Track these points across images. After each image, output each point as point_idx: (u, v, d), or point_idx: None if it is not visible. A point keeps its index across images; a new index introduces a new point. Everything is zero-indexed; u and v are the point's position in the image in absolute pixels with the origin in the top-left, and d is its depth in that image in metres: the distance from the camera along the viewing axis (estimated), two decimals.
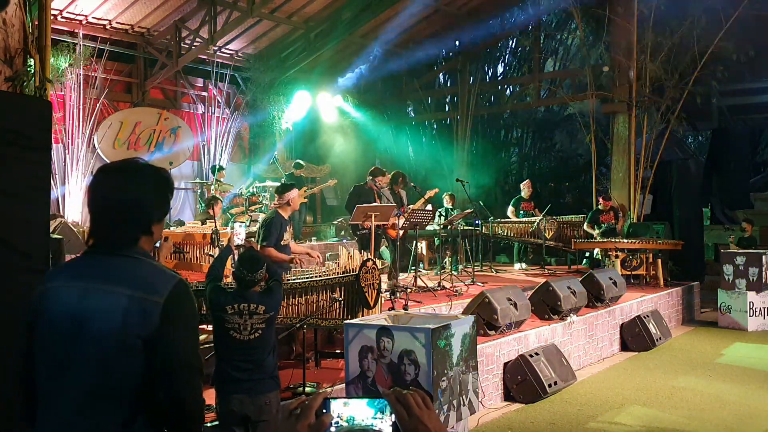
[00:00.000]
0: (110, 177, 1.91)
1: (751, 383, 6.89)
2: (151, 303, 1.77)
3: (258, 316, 3.84)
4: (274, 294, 4.03)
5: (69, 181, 10.87)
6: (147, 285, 1.79)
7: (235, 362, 3.82)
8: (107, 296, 1.78)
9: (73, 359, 1.78)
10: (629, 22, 11.68)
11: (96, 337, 1.76)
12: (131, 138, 12.16)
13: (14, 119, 3.23)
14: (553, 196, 16.36)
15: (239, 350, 3.82)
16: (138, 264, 1.84)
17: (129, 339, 1.75)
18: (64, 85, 10.73)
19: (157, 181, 1.93)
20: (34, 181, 3.32)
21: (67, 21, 11.01)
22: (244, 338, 3.80)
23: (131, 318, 1.76)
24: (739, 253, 10.10)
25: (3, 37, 3.39)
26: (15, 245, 3.22)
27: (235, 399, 3.79)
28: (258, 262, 3.96)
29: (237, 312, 3.82)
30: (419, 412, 1.26)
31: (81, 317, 1.78)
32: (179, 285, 1.83)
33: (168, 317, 1.78)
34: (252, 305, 3.84)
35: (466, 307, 6.97)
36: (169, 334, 1.78)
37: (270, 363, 3.88)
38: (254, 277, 3.89)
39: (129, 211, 1.86)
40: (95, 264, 1.86)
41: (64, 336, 1.79)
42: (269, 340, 3.91)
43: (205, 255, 7.41)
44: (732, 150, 18.14)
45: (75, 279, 1.84)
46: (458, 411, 4.51)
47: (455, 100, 16.10)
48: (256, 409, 3.76)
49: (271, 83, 13.49)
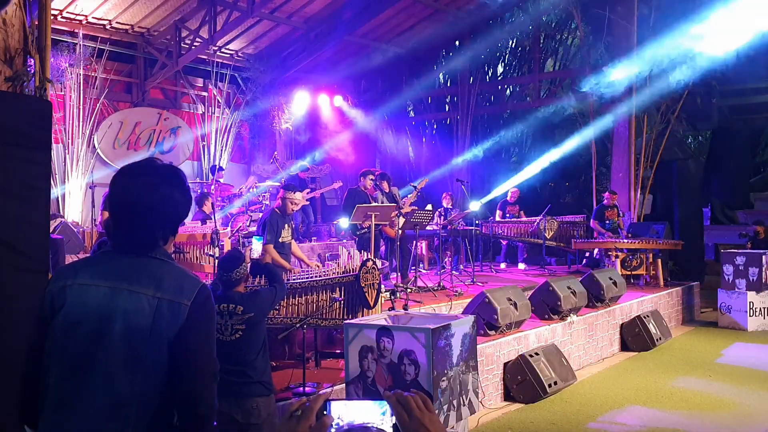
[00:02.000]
0: (141, 180, 1.87)
1: (751, 383, 6.89)
2: (178, 305, 1.79)
3: (237, 316, 3.79)
4: (260, 296, 3.97)
5: (69, 181, 10.87)
6: (176, 287, 1.81)
7: (221, 364, 3.80)
8: (137, 297, 1.78)
9: (97, 360, 1.76)
10: (629, 22, 11.68)
11: (125, 337, 1.75)
12: (131, 138, 12.16)
13: (14, 119, 3.23)
14: (553, 196, 16.36)
15: (224, 352, 3.77)
16: (165, 266, 1.85)
17: (158, 340, 1.76)
18: (64, 85, 10.73)
19: (182, 182, 1.93)
20: (34, 181, 3.32)
21: (67, 21, 11.01)
22: (226, 339, 3.77)
23: (161, 319, 1.77)
24: (739, 253, 10.10)
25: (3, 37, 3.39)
26: (15, 245, 3.22)
27: (224, 402, 3.78)
28: (235, 260, 3.91)
29: (218, 312, 3.78)
30: (420, 415, 1.27)
31: (109, 317, 1.77)
32: (203, 289, 1.86)
33: (192, 321, 1.80)
34: (231, 305, 3.81)
35: (466, 307, 6.97)
36: (191, 337, 1.80)
37: (258, 367, 3.82)
38: (231, 276, 3.86)
39: (160, 214, 1.86)
40: (123, 264, 1.84)
41: (88, 335, 1.77)
42: (253, 342, 3.83)
43: (205, 255, 7.41)
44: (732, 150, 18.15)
45: (102, 278, 1.82)
46: (458, 411, 4.51)
47: (455, 100, 16.10)
48: (243, 413, 3.74)
49: (271, 83, 13.49)
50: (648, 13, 11.50)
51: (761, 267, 9.84)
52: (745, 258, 9.95)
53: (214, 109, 13.48)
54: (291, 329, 5.18)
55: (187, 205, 1.94)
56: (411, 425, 1.26)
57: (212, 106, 13.47)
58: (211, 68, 12.94)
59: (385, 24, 13.67)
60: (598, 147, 12.50)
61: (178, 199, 1.90)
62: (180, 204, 1.91)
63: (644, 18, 11.63)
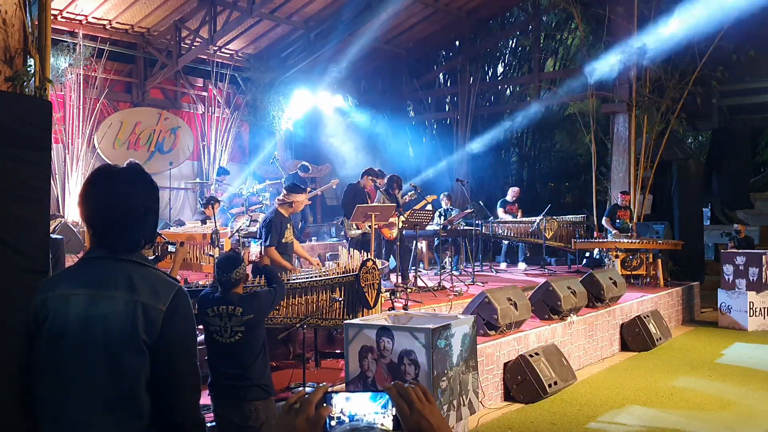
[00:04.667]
0: (117, 183, 1.86)
1: (751, 383, 6.89)
2: (154, 310, 1.77)
3: (236, 318, 3.77)
4: (259, 298, 3.95)
5: (69, 181, 10.87)
6: (151, 291, 1.79)
7: (220, 367, 3.80)
8: (114, 301, 1.76)
9: (82, 369, 1.75)
10: (629, 22, 11.68)
11: (106, 343, 1.74)
12: (131, 138, 12.16)
13: (14, 119, 3.23)
14: (553, 196, 16.37)
15: (223, 354, 3.79)
16: (141, 270, 1.83)
17: (137, 344, 1.75)
18: (64, 85, 10.73)
19: (155, 188, 1.92)
20: (34, 181, 3.32)
21: (67, 21, 11.01)
22: (226, 341, 3.76)
23: (138, 324, 1.75)
24: (739, 253, 10.11)
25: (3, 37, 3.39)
26: (15, 245, 3.22)
27: (223, 404, 3.78)
28: (234, 262, 3.89)
29: (217, 314, 3.78)
30: (421, 407, 1.26)
31: (90, 324, 1.76)
32: (179, 293, 1.82)
33: (168, 325, 1.77)
34: (230, 307, 3.79)
35: (466, 307, 6.97)
36: (168, 342, 1.77)
37: (257, 369, 3.80)
38: (229, 277, 3.83)
39: (140, 218, 1.85)
40: (100, 270, 1.83)
41: (72, 344, 1.76)
42: (253, 344, 3.81)
43: (205, 255, 7.41)
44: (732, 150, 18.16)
45: (81, 286, 1.81)
46: (458, 411, 4.51)
47: (455, 100, 16.10)
48: (241, 416, 3.73)
49: (271, 83, 13.48)
50: (648, 14, 11.49)
51: (761, 267, 9.84)
52: (745, 258, 9.95)
53: (214, 109, 13.47)
54: (291, 329, 5.19)
55: (157, 210, 1.92)
56: (412, 417, 1.25)
57: (212, 106, 13.47)
58: (211, 68, 12.95)
59: (385, 24, 13.66)
60: (598, 147, 12.49)
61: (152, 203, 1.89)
62: (154, 209, 1.90)
63: (644, 18, 11.62)
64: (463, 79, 15.57)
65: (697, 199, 13.04)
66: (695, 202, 12.88)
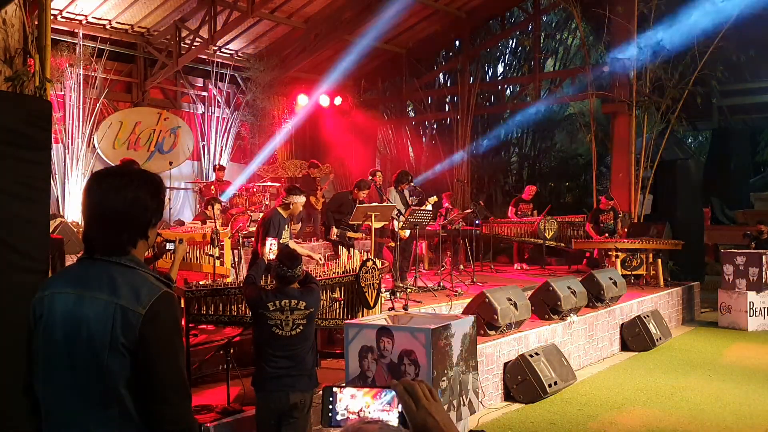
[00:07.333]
0: (106, 183, 1.87)
1: (751, 383, 6.89)
2: (133, 313, 1.75)
3: (299, 311, 3.96)
4: (314, 292, 4.17)
5: (69, 181, 10.87)
6: (132, 294, 1.77)
7: (275, 360, 3.92)
8: (97, 303, 1.77)
9: (70, 367, 1.77)
10: (629, 22, 11.68)
11: (90, 344, 1.75)
12: (131, 138, 12.15)
13: (14, 119, 3.23)
14: (553, 196, 16.36)
15: (281, 347, 3.93)
16: (127, 272, 1.82)
17: (116, 347, 1.74)
18: (64, 85, 10.73)
19: (151, 186, 1.91)
20: (34, 181, 3.32)
21: (67, 21, 11.01)
22: (286, 334, 3.92)
23: (118, 326, 1.74)
24: (739, 253, 10.10)
25: (3, 37, 3.39)
26: (15, 245, 3.22)
27: (273, 396, 3.89)
28: (297, 258, 4.09)
29: (278, 308, 3.93)
30: (427, 404, 1.25)
31: (76, 324, 1.77)
32: (162, 297, 1.79)
33: (147, 329, 1.75)
34: (293, 301, 3.96)
35: (466, 307, 6.97)
36: (148, 347, 1.75)
37: (309, 361, 4.04)
38: (294, 273, 4.02)
39: (126, 218, 1.84)
40: (89, 271, 1.84)
41: (61, 343, 1.78)
42: (310, 336, 4.06)
43: (205, 255, 7.40)
44: (732, 150, 18.17)
45: (70, 285, 1.83)
46: (458, 411, 4.51)
47: (455, 100, 16.09)
48: (289, 406, 3.88)
49: (271, 83, 13.48)
50: (648, 13, 11.49)
51: (761, 267, 9.83)
52: (745, 258, 9.95)
53: (214, 109, 13.47)
54: None
55: (156, 208, 1.91)
56: (419, 414, 1.24)
57: (212, 106, 13.47)
58: (211, 68, 12.94)
59: (385, 24, 13.65)
60: (598, 147, 12.49)
61: (146, 202, 1.87)
62: (149, 207, 1.88)
63: (644, 18, 11.62)
64: (463, 79, 15.55)
65: (697, 199, 13.04)
66: (695, 202, 12.88)
